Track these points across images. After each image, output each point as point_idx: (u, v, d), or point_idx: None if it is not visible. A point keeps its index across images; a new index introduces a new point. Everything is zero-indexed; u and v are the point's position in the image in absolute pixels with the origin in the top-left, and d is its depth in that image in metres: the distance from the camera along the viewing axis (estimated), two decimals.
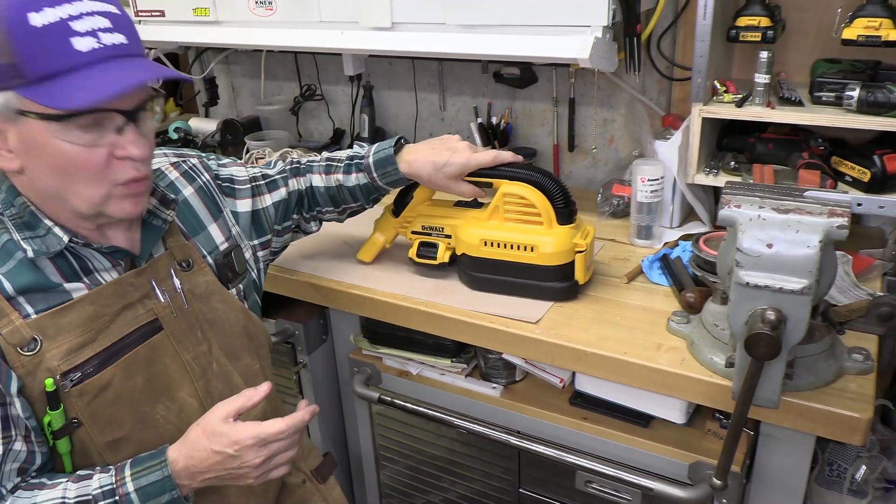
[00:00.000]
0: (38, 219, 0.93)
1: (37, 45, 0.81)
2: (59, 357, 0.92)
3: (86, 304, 0.94)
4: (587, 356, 1.19)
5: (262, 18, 1.77)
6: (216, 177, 1.20)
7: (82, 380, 0.93)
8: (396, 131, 2.24)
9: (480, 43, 1.50)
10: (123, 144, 0.88)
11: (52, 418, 0.92)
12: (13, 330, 0.90)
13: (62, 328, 0.92)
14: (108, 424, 0.96)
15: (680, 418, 1.24)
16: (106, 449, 0.97)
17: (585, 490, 1.33)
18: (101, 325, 0.95)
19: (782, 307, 0.91)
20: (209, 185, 1.17)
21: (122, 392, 0.97)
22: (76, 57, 0.83)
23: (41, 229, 0.93)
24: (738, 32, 1.41)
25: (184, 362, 1.03)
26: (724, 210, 0.95)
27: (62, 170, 0.88)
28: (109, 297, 0.97)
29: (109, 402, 0.96)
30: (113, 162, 0.89)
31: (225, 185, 1.21)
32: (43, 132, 0.85)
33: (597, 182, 1.93)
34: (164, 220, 1.04)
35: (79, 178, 0.88)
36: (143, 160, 0.90)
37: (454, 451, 1.51)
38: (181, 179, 1.14)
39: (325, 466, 1.30)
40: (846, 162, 1.38)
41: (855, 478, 1.36)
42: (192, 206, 1.13)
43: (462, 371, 1.45)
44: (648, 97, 1.80)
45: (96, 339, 0.95)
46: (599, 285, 1.39)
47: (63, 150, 0.86)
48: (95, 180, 0.89)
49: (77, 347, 0.93)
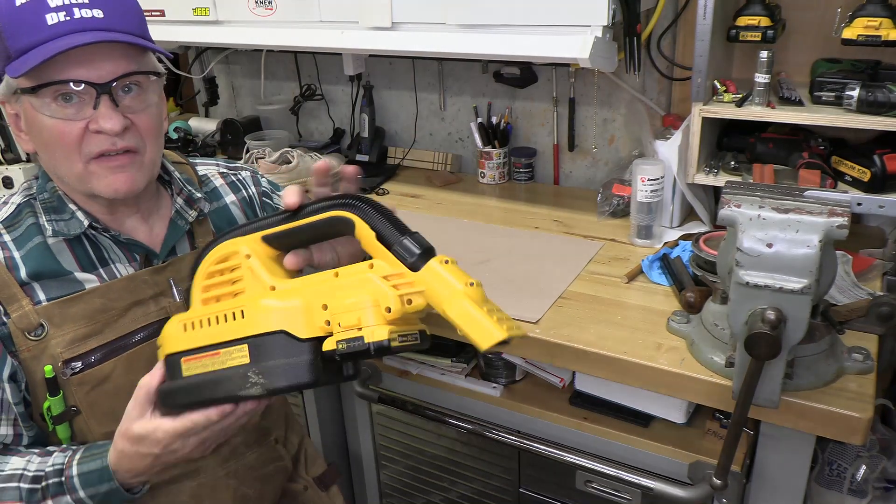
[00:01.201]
0: (65, 203, 0.96)
1: (16, 23, 0.86)
2: (62, 345, 0.94)
3: (95, 296, 0.96)
4: (587, 356, 1.19)
5: (262, 18, 1.77)
6: (263, 194, 1.20)
7: (83, 369, 0.95)
8: (396, 131, 2.24)
9: (480, 43, 1.50)
10: (96, 118, 0.89)
11: (52, 404, 0.94)
12: (22, 315, 0.92)
13: (69, 317, 0.94)
14: (105, 416, 0.97)
15: (680, 418, 1.24)
16: (103, 439, 0.97)
17: (585, 490, 1.33)
18: (108, 318, 0.96)
19: (782, 307, 0.91)
20: (253, 198, 1.18)
21: (122, 386, 0.97)
22: (45, 31, 0.85)
23: (66, 213, 0.96)
24: (738, 32, 1.41)
25: None
26: (724, 210, 0.95)
27: (46, 145, 0.91)
28: (119, 291, 0.97)
29: (109, 395, 0.97)
30: (88, 136, 0.90)
31: (269, 204, 1.20)
32: (30, 108, 0.89)
33: (597, 182, 1.93)
34: (187, 220, 1.05)
35: (59, 153, 0.90)
36: (117, 134, 0.90)
37: (454, 451, 1.51)
38: (225, 187, 1.15)
39: (328, 475, 1.29)
40: (846, 162, 1.38)
41: (855, 477, 1.36)
42: (231, 213, 1.14)
43: (462, 371, 1.45)
44: (648, 97, 1.80)
45: (102, 331, 0.96)
46: (599, 285, 1.39)
47: (44, 125, 0.89)
48: (73, 154, 0.90)
49: (81, 338, 0.95)
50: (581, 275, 1.43)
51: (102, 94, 0.88)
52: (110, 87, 0.89)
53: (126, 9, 0.91)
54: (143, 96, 0.94)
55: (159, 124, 0.97)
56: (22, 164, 1.98)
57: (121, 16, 0.90)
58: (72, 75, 0.86)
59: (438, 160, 2.15)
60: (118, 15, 0.89)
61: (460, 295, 0.72)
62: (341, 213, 0.80)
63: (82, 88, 0.87)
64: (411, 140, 2.20)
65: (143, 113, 0.93)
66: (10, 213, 0.97)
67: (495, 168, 1.98)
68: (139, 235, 1.01)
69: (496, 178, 1.99)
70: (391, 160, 2.20)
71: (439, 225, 1.73)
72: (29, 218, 0.96)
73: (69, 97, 0.88)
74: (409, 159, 2.18)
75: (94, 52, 0.87)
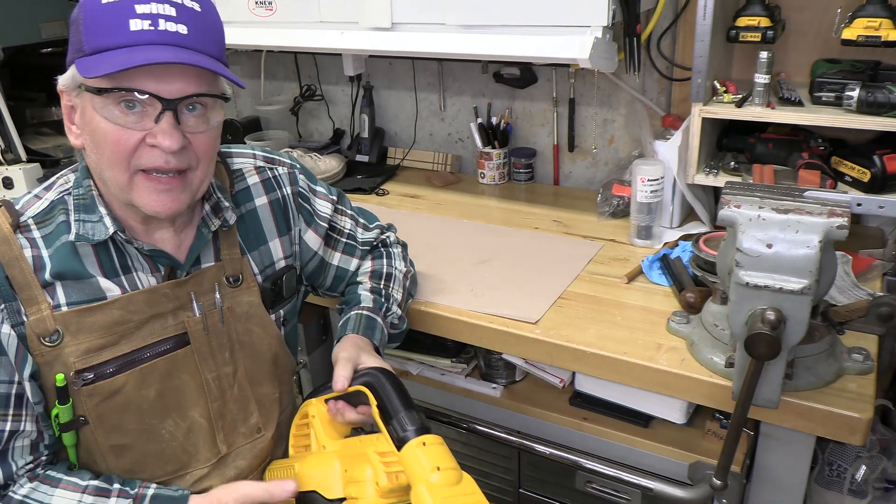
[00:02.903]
0: (96, 205, 0.95)
1: (98, 21, 0.85)
2: (76, 354, 0.92)
3: (114, 308, 0.94)
4: (587, 356, 1.19)
5: (261, 18, 1.77)
6: (298, 193, 1.16)
7: (95, 381, 0.94)
8: (396, 132, 2.24)
9: (480, 43, 1.50)
10: (155, 132, 0.88)
11: (60, 412, 0.93)
12: (39, 319, 0.91)
13: (85, 327, 0.93)
14: (113, 429, 0.96)
15: (680, 418, 1.24)
16: (109, 452, 0.97)
17: (585, 490, 1.33)
18: (125, 330, 0.95)
19: (782, 307, 0.91)
20: (287, 199, 1.14)
21: (132, 400, 0.96)
22: (126, 35, 0.84)
23: (95, 215, 0.94)
24: (738, 32, 1.41)
25: (203, 381, 1.02)
26: (724, 210, 0.95)
27: (98, 146, 0.89)
28: (139, 304, 0.96)
29: (118, 408, 0.96)
30: (143, 147, 0.89)
31: (304, 206, 1.17)
32: (90, 107, 0.88)
33: (597, 182, 1.93)
34: (210, 228, 1.02)
35: (110, 157, 0.89)
36: (172, 152, 0.88)
37: (454, 451, 1.50)
38: (259, 187, 1.11)
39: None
40: (846, 162, 1.38)
41: (855, 478, 1.36)
42: (260, 218, 1.11)
43: (462, 371, 1.45)
44: (648, 97, 1.80)
45: (118, 343, 0.95)
46: (599, 285, 1.39)
47: (101, 127, 0.87)
48: (123, 162, 0.89)
49: (96, 349, 0.93)
50: (581, 275, 1.43)
51: (167, 109, 0.87)
52: (176, 104, 0.87)
53: (210, 29, 0.90)
54: (207, 116, 0.92)
55: (216, 145, 0.96)
56: (22, 165, 1.97)
57: (203, 35, 0.88)
58: (141, 86, 0.85)
59: (438, 160, 2.15)
60: (201, 34, 0.88)
61: (421, 480, 0.80)
62: (358, 387, 0.95)
63: (147, 99, 0.86)
64: (411, 140, 2.20)
65: (203, 134, 0.92)
66: (43, 209, 0.95)
67: (495, 168, 1.98)
68: (167, 246, 0.99)
69: (496, 178, 1.99)
70: (391, 160, 2.20)
71: (439, 225, 1.73)
72: (60, 215, 0.95)
73: (132, 104, 0.87)
74: (408, 159, 2.18)
75: (169, 67, 0.85)
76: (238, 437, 1.07)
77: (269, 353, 1.08)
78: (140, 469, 0.99)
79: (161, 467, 1.01)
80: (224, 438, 1.05)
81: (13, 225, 0.93)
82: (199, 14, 0.89)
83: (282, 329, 1.12)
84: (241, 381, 1.05)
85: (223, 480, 1.05)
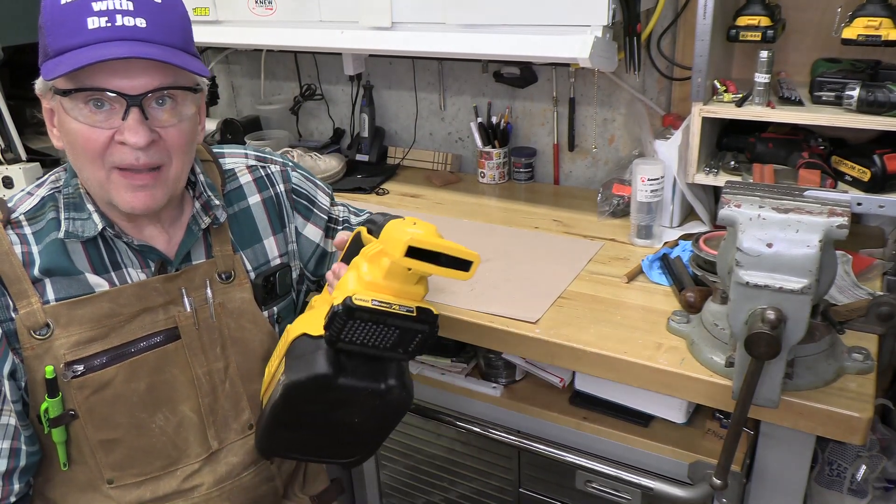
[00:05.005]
0: (84, 203, 0.95)
1: (58, 22, 0.85)
2: (66, 346, 0.93)
3: (103, 300, 0.95)
4: (587, 356, 1.19)
5: (262, 18, 1.77)
6: (292, 190, 1.16)
7: (85, 373, 0.94)
8: (396, 131, 2.24)
9: (480, 43, 1.50)
10: (122, 129, 0.88)
11: (50, 406, 0.93)
12: (30, 312, 0.92)
13: (75, 319, 0.93)
14: (102, 423, 0.96)
15: (680, 418, 1.24)
16: (98, 447, 0.97)
17: (585, 490, 1.33)
18: (115, 323, 0.96)
19: (782, 307, 0.91)
20: (280, 197, 1.14)
21: (122, 394, 0.97)
22: (84, 35, 0.84)
23: (84, 213, 0.95)
24: (738, 32, 1.41)
25: (193, 376, 1.02)
26: (724, 209, 0.95)
27: (73, 146, 0.90)
28: (129, 297, 0.96)
29: (107, 402, 0.96)
30: (113, 145, 0.89)
31: (300, 201, 1.17)
32: (62, 108, 0.88)
33: (597, 182, 1.93)
34: (200, 225, 1.02)
35: (84, 157, 0.90)
36: (140, 148, 0.88)
37: (454, 451, 1.51)
38: (251, 185, 1.12)
39: (327, 493, 1.26)
40: (846, 161, 1.38)
41: (855, 477, 1.36)
42: (253, 217, 1.11)
43: (462, 371, 1.45)
44: (648, 97, 1.80)
45: (107, 336, 0.95)
46: (599, 285, 1.39)
47: (73, 127, 0.88)
48: (96, 160, 0.89)
49: (86, 341, 0.94)
50: (581, 275, 1.43)
51: (133, 105, 0.87)
52: (141, 99, 0.87)
53: (171, 20, 0.89)
54: (177, 109, 0.92)
55: (191, 138, 0.95)
56: (22, 164, 1.97)
57: (164, 27, 0.88)
58: (105, 84, 0.85)
59: (438, 160, 2.15)
60: (162, 26, 0.87)
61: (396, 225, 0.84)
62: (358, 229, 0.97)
63: (113, 96, 0.86)
64: (411, 140, 2.20)
65: (173, 127, 0.91)
66: (34, 206, 0.96)
67: (495, 168, 1.98)
68: (157, 243, 0.99)
69: (496, 177, 1.99)
70: (391, 160, 2.20)
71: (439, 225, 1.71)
72: (50, 212, 0.96)
73: (100, 103, 0.87)
74: (409, 159, 2.18)
75: (131, 63, 0.85)
76: (230, 434, 1.07)
77: (261, 350, 1.09)
78: (130, 465, 1.00)
79: (151, 462, 1.01)
80: (215, 434, 1.05)
81: (4, 220, 0.94)
82: (160, 6, 0.88)
83: (276, 327, 1.12)
84: (233, 378, 1.06)
85: (214, 476, 1.06)
